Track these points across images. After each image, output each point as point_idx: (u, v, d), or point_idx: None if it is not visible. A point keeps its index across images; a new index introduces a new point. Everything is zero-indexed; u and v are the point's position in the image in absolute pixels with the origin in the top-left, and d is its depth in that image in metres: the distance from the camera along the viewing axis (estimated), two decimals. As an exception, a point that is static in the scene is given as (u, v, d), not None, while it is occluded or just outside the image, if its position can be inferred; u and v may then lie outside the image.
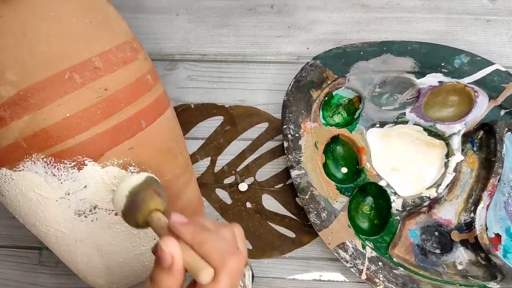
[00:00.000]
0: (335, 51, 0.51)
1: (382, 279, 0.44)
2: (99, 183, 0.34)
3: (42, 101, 0.31)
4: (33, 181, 0.33)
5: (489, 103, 0.49)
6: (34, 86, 0.31)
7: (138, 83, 0.36)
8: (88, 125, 0.33)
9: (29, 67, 0.30)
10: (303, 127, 0.49)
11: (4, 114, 0.31)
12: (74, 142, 0.32)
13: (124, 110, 0.34)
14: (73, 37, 0.32)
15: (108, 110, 0.33)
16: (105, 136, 0.33)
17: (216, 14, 0.59)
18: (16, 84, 0.30)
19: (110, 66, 0.34)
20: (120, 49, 0.35)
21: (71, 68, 0.32)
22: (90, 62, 0.33)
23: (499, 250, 0.46)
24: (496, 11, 0.57)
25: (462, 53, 0.50)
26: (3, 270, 0.51)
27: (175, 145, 0.41)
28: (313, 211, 0.46)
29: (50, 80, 0.31)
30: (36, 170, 0.32)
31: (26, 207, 0.35)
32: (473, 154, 0.50)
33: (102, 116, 0.33)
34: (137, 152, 0.35)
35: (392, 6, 0.58)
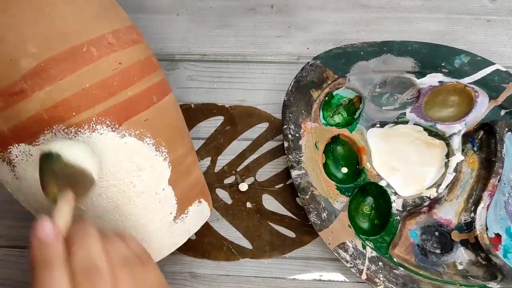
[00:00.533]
0: (335, 51, 0.51)
1: (382, 279, 0.44)
2: (118, 153, 0.35)
3: (62, 72, 0.32)
4: None
5: (489, 103, 0.49)
6: (55, 57, 0.32)
7: (146, 61, 0.38)
8: (106, 95, 0.34)
9: (49, 40, 0.31)
10: (303, 127, 0.49)
11: (26, 85, 0.31)
12: (93, 112, 0.33)
13: (137, 83, 0.36)
14: (87, 15, 0.34)
15: (123, 83, 0.35)
16: (122, 107, 0.35)
17: (216, 14, 0.59)
18: (37, 56, 0.31)
19: (122, 43, 0.36)
20: (128, 31, 0.38)
21: (88, 41, 0.33)
22: (104, 37, 0.35)
23: (499, 250, 0.46)
24: (496, 11, 0.57)
25: (462, 53, 0.50)
26: (3, 270, 0.51)
27: (182, 125, 0.43)
28: (313, 211, 0.46)
29: (70, 52, 0.32)
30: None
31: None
32: (473, 154, 0.50)
33: (118, 88, 0.35)
34: (152, 124, 0.37)
35: (392, 6, 0.58)
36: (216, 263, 0.50)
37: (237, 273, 0.50)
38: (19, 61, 0.31)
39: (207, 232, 0.51)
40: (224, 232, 0.51)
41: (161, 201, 0.39)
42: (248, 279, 0.49)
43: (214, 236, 0.51)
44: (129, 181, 0.36)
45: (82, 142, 0.33)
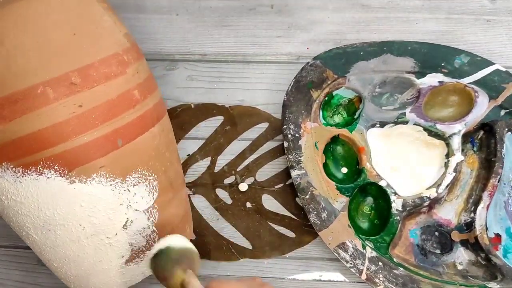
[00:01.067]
0: (335, 51, 0.51)
1: (382, 279, 0.44)
2: (66, 197, 0.34)
3: (13, 114, 0.31)
4: (4, 187, 0.33)
5: (489, 103, 0.49)
6: (7, 98, 0.30)
7: (119, 99, 0.35)
8: (57, 140, 0.32)
9: (2, 79, 0.30)
10: (303, 127, 0.49)
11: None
12: (41, 156, 0.32)
13: (98, 127, 0.34)
14: (52, 51, 0.32)
15: (80, 128, 0.33)
16: (74, 153, 0.33)
17: (216, 14, 0.59)
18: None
19: (89, 82, 0.33)
20: (104, 63, 0.34)
21: (45, 82, 0.31)
22: (66, 77, 0.32)
23: (499, 250, 0.46)
24: (496, 11, 0.57)
25: (462, 53, 0.50)
26: (3, 270, 0.51)
27: (158, 164, 0.39)
28: (313, 211, 0.46)
29: (22, 93, 0.31)
30: (6, 178, 0.33)
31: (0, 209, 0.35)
32: (473, 154, 0.50)
33: (73, 133, 0.33)
34: (113, 168, 0.35)
35: (392, 6, 0.58)
36: (216, 263, 0.50)
37: (237, 273, 0.50)
38: None
39: (207, 232, 0.51)
40: (224, 232, 0.51)
41: (112, 244, 0.37)
42: (248, 279, 0.49)
43: (214, 236, 0.51)
44: (77, 223, 0.35)
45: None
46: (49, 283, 0.50)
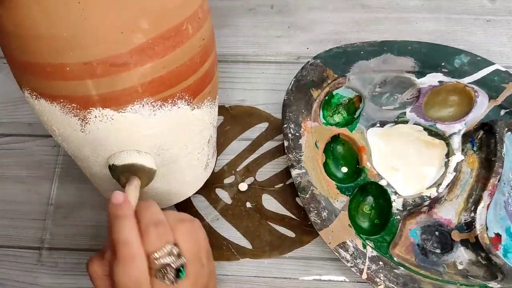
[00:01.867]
0: (336, 51, 0.51)
1: (382, 279, 0.44)
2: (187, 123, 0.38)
3: (165, 50, 0.32)
4: (134, 122, 0.35)
5: (489, 103, 0.49)
6: (162, 35, 0.32)
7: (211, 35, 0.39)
8: (191, 72, 0.35)
9: (158, 17, 0.31)
10: (303, 126, 0.49)
11: (130, 60, 0.31)
12: (179, 88, 0.35)
13: (210, 56, 0.38)
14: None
15: (203, 58, 0.36)
16: (198, 83, 0.37)
17: (216, 14, 0.59)
18: (147, 32, 0.31)
19: (205, 16, 0.37)
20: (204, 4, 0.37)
21: (187, 18, 0.34)
22: (196, 13, 0.35)
23: (500, 249, 0.46)
24: (496, 11, 0.57)
25: (462, 53, 0.50)
26: (2, 270, 0.51)
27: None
28: (313, 210, 0.46)
29: (174, 30, 0.33)
30: (142, 113, 0.34)
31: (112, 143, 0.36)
32: (473, 153, 0.50)
33: (200, 64, 0.36)
34: (212, 94, 0.40)
35: (392, 6, 0.58)
36: (216, 263, 0.50)
37: (237, 273, 0.50)
38: (129, 35, 0.30)
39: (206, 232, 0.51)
40: (224, 232, 0.51)
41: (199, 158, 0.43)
42: (248, 279, 0.49)
43: (214, 236, 0.51)
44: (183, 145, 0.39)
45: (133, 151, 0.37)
46: (49, 283, 0.50)
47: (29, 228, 0.52)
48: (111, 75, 0.31)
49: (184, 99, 0.36)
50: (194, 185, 0.48)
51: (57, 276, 0.50)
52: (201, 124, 0.40)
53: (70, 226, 0.52)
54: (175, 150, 0.39)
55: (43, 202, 0.53)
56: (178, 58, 0.34)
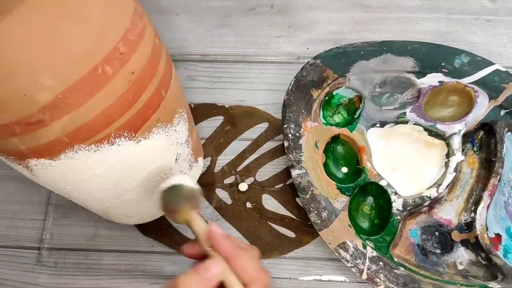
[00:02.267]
0: (336, 51, 0.51)
1: (383, 279, 0.44)
2: (135, 155, 0.36)
3: (80, 100, 0.31)
4: (74, 166, 0.34)
5: (489, 103, 0.49)
6: (72, 87, 0.30)
7: (153, 53, 0.36)
8: (123, 111, 0.33)
9: (63, 69, 0.29)
10: (303, 127, 0.49)
11: (43, 117, 0.30)
12: (112, 128, 0.33)
13: (148, 86, 0.35)
14: (97, 26, 0.31)
15: (137, 92, 0.34)
16: (137, 117, 0.35)
17: (216, 14, 0.59)
18: (53, 89, 0.29)
19: (132, 47, 0.33)
20: (134, 23, 0.34)
21: (102, 61, 0.31)
22: (116, 49, 0.32)
23: (500, 250, 0.46)
24: (496, 11, 0.57)
25: (462, 53, 0.50)
26: (2, 270, 0.51)
27: (183, 98, 0.43)
28: (313, 210, 0.46)
29: (86, 78, 0.30)
30: (78, 158, 0.33)
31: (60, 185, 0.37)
32: (473, 154, 0.50)
33: (133, 100, 0.34)
34: (162, 120, 0.37)
35: (392, 6, 0.58)
36: (216, 263, 0.50)
37: (237, 273, 0.50)
38: (34, 95, 0.29)
39: (207, 232, 0.51)
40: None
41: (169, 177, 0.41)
42: (248, 279, 0.49)
43: (214, 236, 0.51)
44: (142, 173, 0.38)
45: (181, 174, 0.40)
46: (48, 283, 0.50)
47: (29, 228, 0.52)
48: (30, 132, 0.31)
49: (123, 136, 0.34)
50: None
51: (57, 276, 0.50)
52: (157, 150, 0.38)
53: (70, 226, 0.52)
54: (133, 180, 0.38)
55: (43, 202, 0.53)
56: (100, 103, 0.32)
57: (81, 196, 0.39)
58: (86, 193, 0.38)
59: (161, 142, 0.38)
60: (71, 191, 0.38)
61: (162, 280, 0.50)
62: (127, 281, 0.50)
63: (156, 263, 0.50)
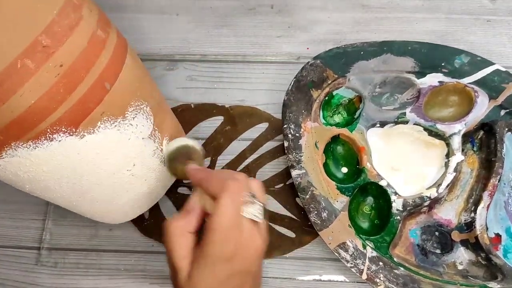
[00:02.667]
0: (336, 51, 0.51)
1: (382, 279, 0.44)
2: (82, 151, 0.35)
3: (3, 96, 0.30)
4: (19, 164, 0.34)
5: (489, 103, 0.49)
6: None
7: (90, 44, 0.34)
8: (54, 106, 0.32)
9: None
10: (303, 127, 0.49)
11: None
12: (46, 124, 0.32)
13: (85, 79, 0.34)
14: (13, 20, 0.30)
15: (70, 85, 0.33)
16: (75, 110, 0.33)
17: (216, 14, 0.59)
18: None
19: (59, 39, 0.32)
20: (63, 15, 0.33)
21: (21, 54, 0.30)
22: (37, 42, 0.31)
23: (500, 250, 0.46)
24: (496, 11, 0.57)
25: (462, 53, 0.50)
26: (2, 270, 0.51)
27: (144, 91, 0.41)
28: (313, 210, 0.46)
29: (5, 73, 0.30)
30: (19, 155, 0.33)
31: (19, 183, 0.37)
32: (473, 154, 0.50)
33: (66, 93, 0.33)
34: (109, 114, 0.36)
35: (392, 6, 0.58)
36: (216, 263, 0.50)
37: (237, 273, 0.50)
38: None
39: (207, 232, 0.51)
40: (224, 232, 0.51)
41: (134, 174, 0.41)
42: (248, 279, 0.49)
43: (214, 236, 0.51)
44: (98, 169, 0.37)
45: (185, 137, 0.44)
46: (48, 283, 0.50)
47: (29, 228, 0.52)
48: None
49: (61, 132, 0.33)
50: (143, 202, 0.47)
51: (57, 276, 0.50)
52: (109, 145, 0.37)
53: (70, 226, 0.52)
54: (90, 177, 0.38)
55: (43, 202, 0.53)
56: (26, 98, 0.31)
57: (44, 194, 0.39)
58: (47, 191, 0.38)
59: (111, 137, 0.37)
60: (33, 190, 0.38)
61: (162, 280, 0.50)
62: (127, 281, 0.50)
63: (156, 263, 0.50)
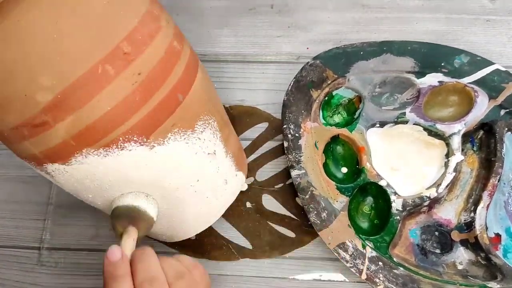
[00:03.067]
0: (335, 51, 0.51)
1: (382, 279, 0.44)
2: (151, 162, 0.35)
3: (81, 100, 0.30)
4: (87, 172, 0.34)
5: (489, 103, 0.49)
6: (71, 87, 0.30)
7: (167, 55, 0.35)
8: (129, 114, 0.32)
9: (61, 69, 0.29)
10: (303, 127, 0.49)
11: (46, 118, 0.30)
12: (119, 132, 0.32)
13: (160, 89, 0.34)
14: (96, 25, 0.30)
15: (146, 94, 0.33)
16: (147, 121, 0.33)
17: (216, 14, 0.59)
18: (52, 89, 0.29)
19: (139, 47, 0.32)
20: (143, 24, 0.33)
21: (102, 60, 0.30)
22: (118, 49, 0.31)
23: (499, 250, 0.46)
24: (496, 11, 0.57)
25: (462, 53, 0.50)
26: (3, 270, 0.51)
27: (212, 106, 0.40)
28: (313, 211, 0.46)
29: (85, 77, 0.30)
30: (88, 163, 0.33)
31: (83, 192, 0.37)
32: (473, 154, 0.50)
33: (141, 102, 0.33)
34: (179, 126, 0.36)
35: (392, 6, 0.58)
36: (216, 263, 0.50)
37: (237, 273, 0.50)
38: (34, 96, 0.29)
39: (207, 232, 0.51)
40: (224, 232, 0.51)
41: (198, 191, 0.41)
42: (248, 279, 0.49)
43: (213, 236, 0.51)
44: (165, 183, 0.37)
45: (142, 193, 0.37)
46: (49, 283, 0.50)
47: (29, 228, 0.53)
48: (38, 134, 0.31)
49: (133, 141, 0.33)
50: (201, 221, 0.46)
51: (57, 276, 0.50)
52: (177, 158, 0.37)
53: (70, 226, 0.52)
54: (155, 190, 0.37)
55: (43, 202, 0.53)
56: (103, 104, 0.31)
57: (106, 204, 0.38)
58: (108, 202, 0.38)
59: (180, 150, 0.36)
60: (95, 200, 0.38)
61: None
62: (127, 281, 0.50)
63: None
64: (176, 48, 0.36)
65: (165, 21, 0.36)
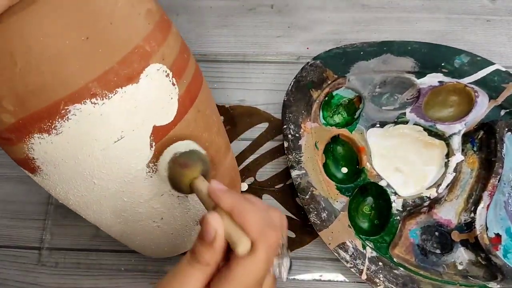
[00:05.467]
0: (335, 51, 0.51)
1: (382, 279, 0.44)
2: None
3: (42, 130, 0.30)
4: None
5: (489, 103, 0.49)
6: (31, 116, 0.29)
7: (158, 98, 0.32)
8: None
9: (23, 98, 0.29)
10: (303, 127, 0.49)
11: (11, 136, 0.31)
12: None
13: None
14: (66, 63, 0.28)
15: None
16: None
17: (216, 14, 0.59)
18: (14, 114, 0.29)
19: (110, 88, 0.30)
20: (125, 63, 0.30)
21: (66, 98, 0.29)
22: (86, 88, 0.29)
23: (499, 250, 0.46)
24: (496, 11, 0.57)
25: (462, 53, 0.50)
26: (3, 270, 0.51)
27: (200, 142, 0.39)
28: (313, 211, 0.46)
29: (46, 111, 0.29)
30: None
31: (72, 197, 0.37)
32: (473, 154, 0.50)
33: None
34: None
35: (392, 6, 0.58)
36: (216, 263, 0.50)
37: (237, 273, 0.50)
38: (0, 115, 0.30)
39: (207, 232, 0.51)
40: (224, 232, 0.51)
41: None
42: (248, 279, 0.49)
43: (214, 236, 0.51)
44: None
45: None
46: (49, 283, 0.50)
47: (29, 228, 0.52)
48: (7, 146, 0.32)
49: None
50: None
51: (57, 276, 0.50)
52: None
53: (70, 226, 0.52)
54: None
55: (43, 202, 0.53)
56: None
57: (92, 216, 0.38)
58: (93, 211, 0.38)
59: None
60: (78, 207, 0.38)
61: (162, 280, 0.50)
62: (127, 281, 0.50)
63: (156, 263, 0.50)
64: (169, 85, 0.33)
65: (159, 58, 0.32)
